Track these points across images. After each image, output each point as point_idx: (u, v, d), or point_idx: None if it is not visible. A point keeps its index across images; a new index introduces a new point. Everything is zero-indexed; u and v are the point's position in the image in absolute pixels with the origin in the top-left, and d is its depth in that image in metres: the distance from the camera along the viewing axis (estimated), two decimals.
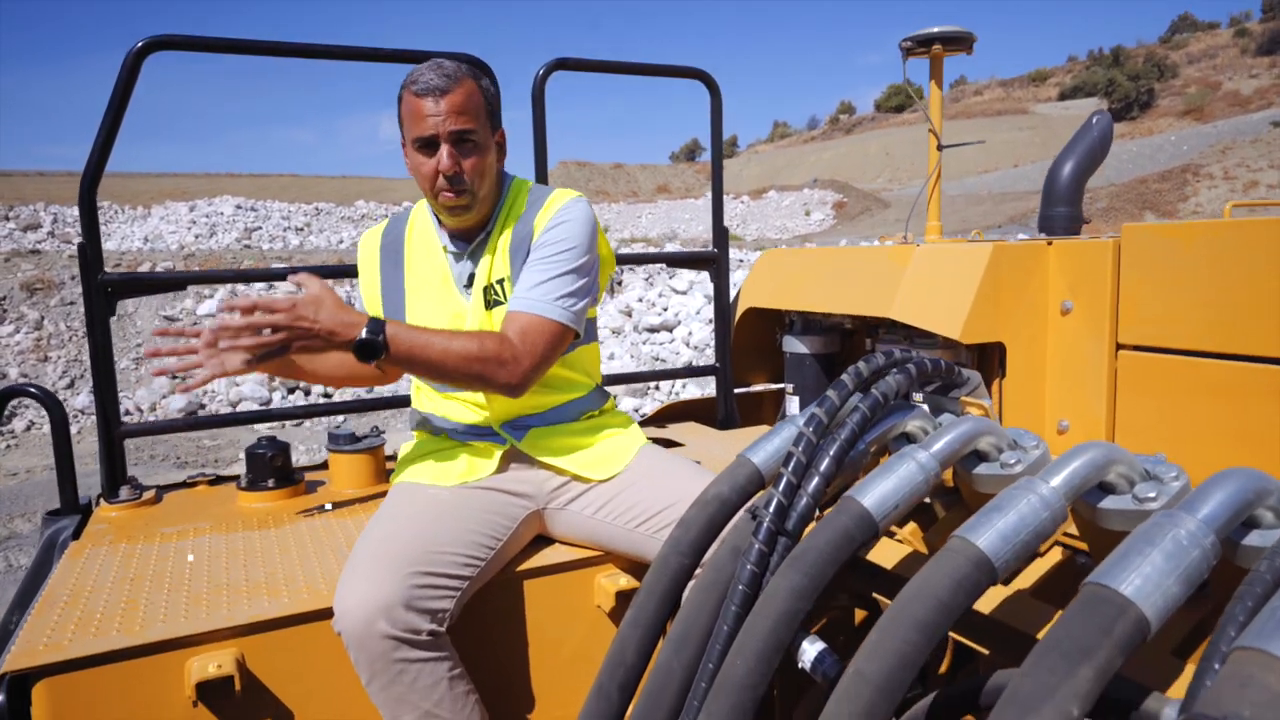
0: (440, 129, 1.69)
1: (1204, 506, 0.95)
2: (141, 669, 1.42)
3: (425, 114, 1.69)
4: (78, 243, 2.09)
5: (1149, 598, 0.87)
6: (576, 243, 1.78)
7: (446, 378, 1.69)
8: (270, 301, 1.53)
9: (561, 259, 1.76)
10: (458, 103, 1.69)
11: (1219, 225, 1.98)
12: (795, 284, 2.83)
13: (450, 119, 1.69)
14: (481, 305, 1.81)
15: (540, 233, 1.79)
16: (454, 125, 1.69)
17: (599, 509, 1.77)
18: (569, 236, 1.78)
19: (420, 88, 1.69)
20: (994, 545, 1.04)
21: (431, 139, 1.70)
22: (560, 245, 1.77)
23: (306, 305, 1.55)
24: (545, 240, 1.78)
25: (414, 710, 1.48)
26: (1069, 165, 3.14)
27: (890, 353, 1.45)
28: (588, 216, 1.82)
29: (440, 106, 1.68)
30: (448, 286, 1.85)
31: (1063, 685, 0.84)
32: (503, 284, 1.81)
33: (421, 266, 1.87)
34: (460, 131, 1.70)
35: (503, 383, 1.68)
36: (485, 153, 1.75)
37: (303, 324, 1.54)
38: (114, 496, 2.15)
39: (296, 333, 1.54)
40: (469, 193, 1.74)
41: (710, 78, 2.75)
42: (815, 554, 1.19)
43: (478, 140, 1.73)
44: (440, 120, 1.68)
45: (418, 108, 1.70)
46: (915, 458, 1.26)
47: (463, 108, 1.70)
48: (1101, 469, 1.12)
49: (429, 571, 1.51)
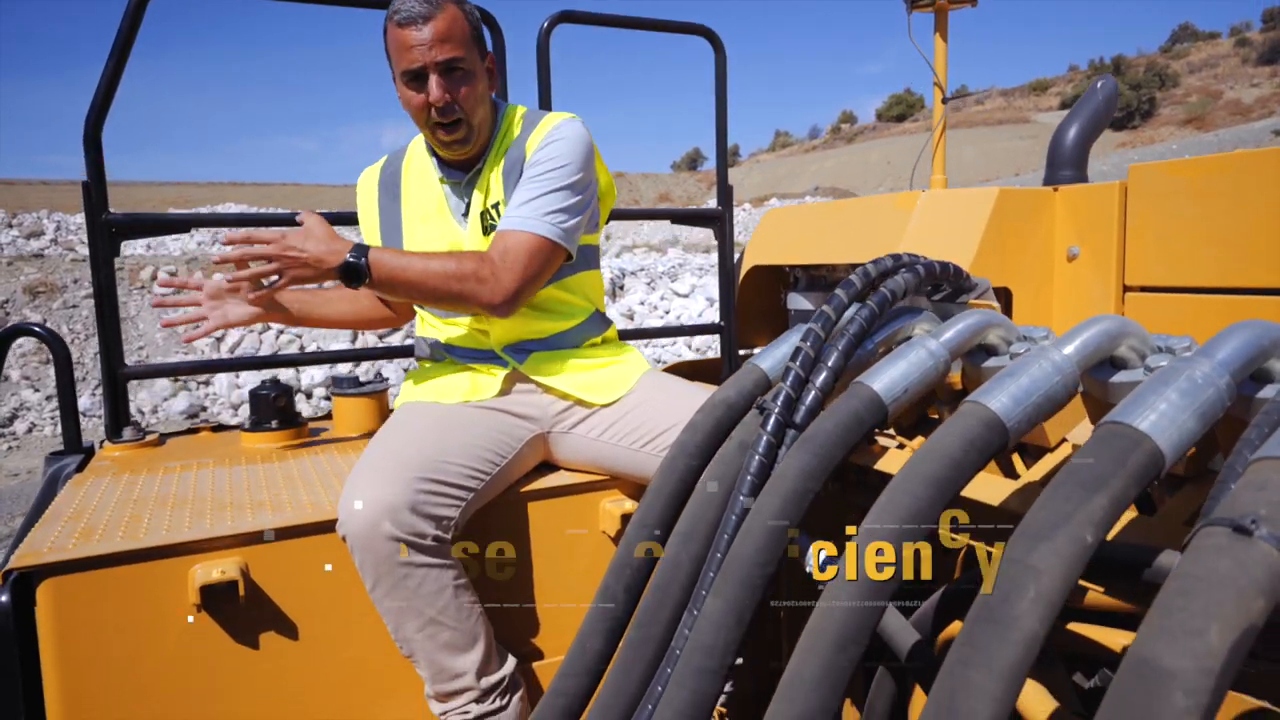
0: (427, 59, 1.66)
1: (1220, 351, 0.94)
2: (146, 573, 1.42)
3: (410, 44, 1.66)
4: (82, 181, 2.09)
5: (1164, 432, 0.87)
6: (567, 160, 1.75)
7: (430, 298, 1.70)
8: (260, 232, 1.61)
9: (551, 176, 1.73)
10: (442, 29, 1.66)
11: (1227, 158, 1.97)
12: (799, 239, 2.82)
13: (436, 48, 1.66)
14: (479, 232, 1.80)
15: (532, 153, 1.77)
16: (441, 54, 1.66)
17: (604, 431, 1.76)
18: (560, 155, 1.75)
19: (403, 17, 1.66)
20: (1005, 407, 1.03)
21: (420, 71, 1.67)
22: (551, 164, 1.74)
23: (295, 236, 1.62)
24: (536, 159, 1.75)
25: (418, 617, 1.47)
26: (1074, 129, 3.14)
27: (898, 255, 1.45)
28: (581, 136, 1.79)
29: (424, 35, 1.65)
30: (444, 216, 1.84)
31: (1078, 512, 0.83)
32: (497, 208, 1.80)
33: (419, 198, 1.87)
34: (448, 61, 1.67)
35: (485, 301, 1.67)
36: (475, 80, 1.73)
37: (291, 253, 1.60)
38: (117, 436, 2.14)
39: (286, 262, 1.60)
40: (464, 123, 1.72)
41: (714, 35, 2.75)
42: (825, 436, 1.18)
43: (466, 68, 1.70)
44: (426, 49, 1.65)
45: (402, 39, 1.66)
46: (925, 345, 1.26)
47: (448, 34, 1.66)
48: (1115, 339, 1.11)
49: (434, 479, 1.50)
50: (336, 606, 1.53)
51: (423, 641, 1.47)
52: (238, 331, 14.57)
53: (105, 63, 2.10)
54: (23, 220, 26.05)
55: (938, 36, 2.68)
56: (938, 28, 2.69)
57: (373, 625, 1.51)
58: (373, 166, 1.98)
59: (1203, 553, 0.72)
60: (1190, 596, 0.70)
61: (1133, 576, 0.98)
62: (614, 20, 2.68)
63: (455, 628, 1.48)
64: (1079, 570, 0.82)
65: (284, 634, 1.51)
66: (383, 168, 1.95)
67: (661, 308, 15.58)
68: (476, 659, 1.51)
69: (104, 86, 2.09)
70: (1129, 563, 0.98)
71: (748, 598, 1.13)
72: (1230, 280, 1.96)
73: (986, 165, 56.78)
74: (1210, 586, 0.69)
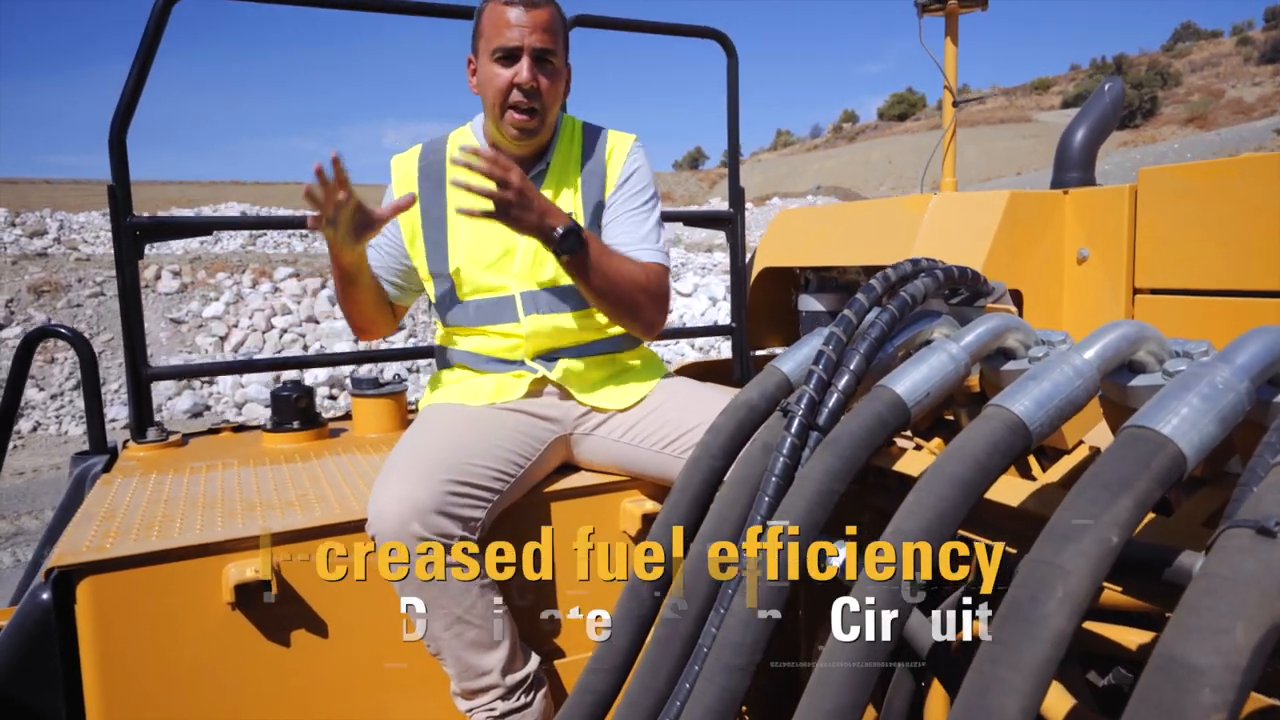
0: (525, 41, 1.69)
1: (1239, 357, 0.97)
2: (181, 571, 1.45)
3: (512, 23, 1.68)
4: (108, 185, 2.11)
5: (1186, 435, 0.89)
6: (653, 186, 1.90)
7: (609, 298, 1.73)
8: (508, 161, 1.57)
9: (649, 205, 1.87)
10: (545, 19, 1.70)
11: (1235, 162, 2.00)
12: (810, 240, 2.85)
13: (537, 34, 1.69)
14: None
15: (616, 179, 1.85)
16: (539, 41, 1.70)
17: (626, 432, 1.78)
18: (648, 182, 1.89)
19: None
20: (1028, 410, 1.06)
21: (514, 50, 1.69)
22: (645, 193, 1.87)
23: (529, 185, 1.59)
24: (629, 188, 1.86)
25: (445, 616, 1.49)
26: (1081, 131, 3.16)
27: (917, 260, 1.48)
28: (648, 159, 1.93)
29: (528, 19, 1.68)
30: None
31: (1104, 513, 0.86)
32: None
33: (468, 191, 1.84)
34: (544, 49, 1.71)
35: (648, 320, 1.80)
36: (560, 78, 1.77)
37: (530, 195, 1.58)
38: (142, 437, 2.17)
39: (524, 199, 1.58)
40: (539, 114, 1.74)
41: (726, 38, 2.78)
42: (850, 437, 1.21)
43: (556, 63, 1.75)
44: (527, 32, 1.68)
45: (503, 16, 1.69)
46: (946, 349, 1.28)
47: (549, 24, 1.71)
48: (1134, 343, 1.13)
49: (462, 480, 1.53)
50: (365, 604, 1.56)
51: (449, 640, 1.50)
52: (241, 330, 14.62)
53: (131, 66, 2.13)
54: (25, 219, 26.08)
55: (948, 40, 2.71)
56: (948, 31, 2.72)
57: (398, 622, 1.54)
58: (407, 154, 1.92)
59: (1228, 553, 0.75)
60: (1216, 596, 0.73)
61: (1153, 576, 1.01)
62: (628, 24, 2.71)
63: (481, 626, 1.51)
64: (1105, 570, 0.85)
65: (314, 632, 1.54)
66: (421, 155, 1.90)
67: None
68: (502, 657, 1.54)
69: (129, 91, 2.11)
70: (1150, 562, 1.01)
71: (776, 596, 1.16)
72: (1239, 283, 1.99)
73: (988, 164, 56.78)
74: (1235, 586, 0.72)
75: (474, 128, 1.88)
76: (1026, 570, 0.87)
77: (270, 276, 16.10)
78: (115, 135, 2.11)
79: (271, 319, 14.75)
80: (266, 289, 15.69)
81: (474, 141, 1.87)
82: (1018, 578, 0.88)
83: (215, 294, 15.91)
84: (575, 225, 1.63)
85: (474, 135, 1.87)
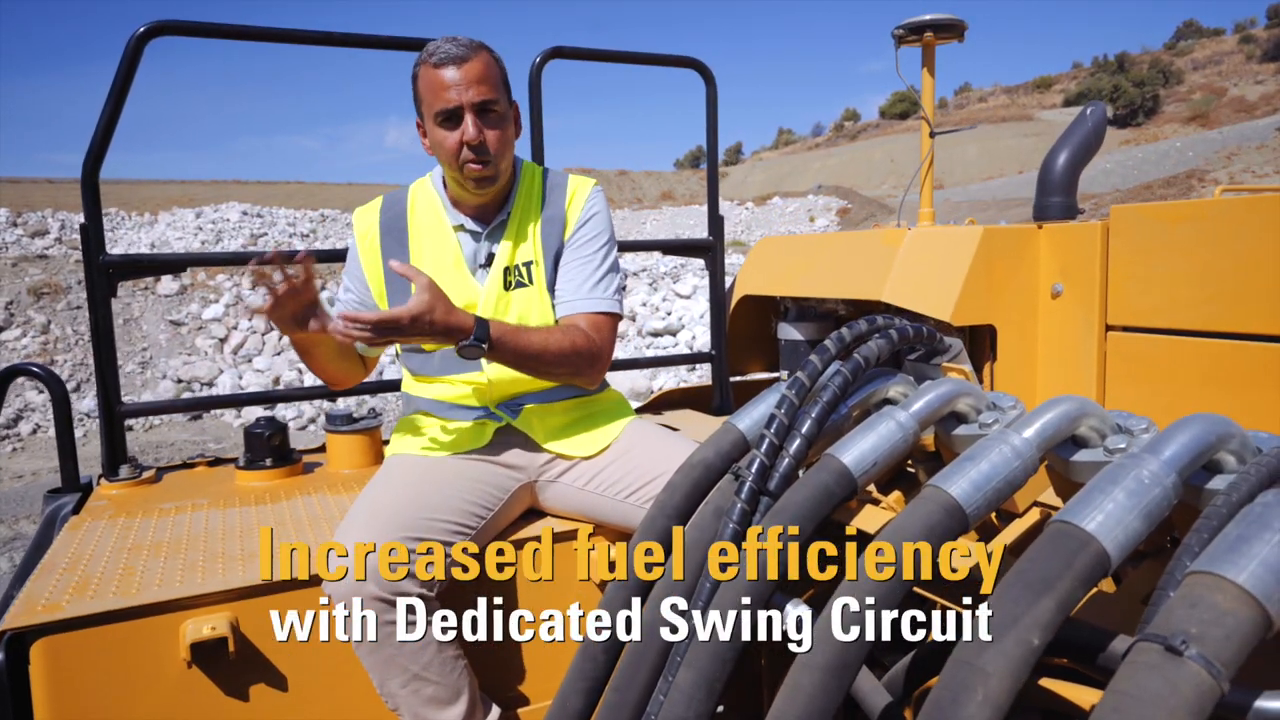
0: (463, 99, 1.70)
1: (1167, 449, 0.97)
2: (137, 630, 1.45)
3: (448, 84, 1.69)
4: (80, 223, 2.12)
5: (1110, 532, 0.90)
6: (609, 232, 1.91)
7: (536, 372, 1.75)
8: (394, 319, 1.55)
9: (601, 252, 1.88)
10: (478, 72, 1.71)
11: (1208, 204, 2.00)
12: (789, 270, 2.85)
13: (473, 89, 1.70)
14: (499, 286, 1.81)
15: (574, 224, 1.87)
16: (476, 96, 1.70)
17: (589, 480, 1.79)
18: (603, 229, 1.90)
19: (439, 59, 1.70)
20: (965, 493, 1.06)
21: (455, 111, 1.71)
22: (599, 240, 1.88)
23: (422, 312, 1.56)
24: (583, 235, 1.87)
25: (402, 673, 1.50)
26: (1064, 155, 3.16)
27: (873, 319, 1.48)
28: (606, 204, 1.96)
29: (461, 76, 1.69)
30: (460, 267, 1.83)
31: (1025, 615, 0.86)
32: (530, 267, 1.83)
33: (429, 246, 1.85)
34: (483, 102, 1.71)
35: (590, 376, 1.82)
36: (506, 124, 1.78)
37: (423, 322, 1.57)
38: (114, 475, 2.18)
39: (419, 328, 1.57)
40: (493, 163, 1.75)
41: (705, 67, 2.78)
42: (795, 509, 1.22)
43: (499, 111, 1.75)
44: (463, 90, 1.69)
45: (438, 80, 1.70)
46: (895, 417, 1.29)
47: (483, 77, 1.71)
48: (1074, 420, 1.14)
49: (420, 536, 1.54)
50: (327, 660, 1.57)
51: (407, 696, 1.51)
52: (241, 332, 14.65)
53: (103, 106, 2.13)
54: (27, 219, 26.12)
55: (925, 71, 2.71)
56: (925, 63, 2.72)
57: (360, 678, 1.55)
58: (368, 206, 1.94)
59: (1136, 669, 0.75)
60: (1123, 714, 0.73)
61: (1089, 659, 1.02)
62: (604, 55, 2.71)
63: (439, 682, 1.52)
64: (1026, 672, 0.85)
65: (274, 687, 1.54)
66: (382, 209, 1.91)
67: (663, 309, 15.61)
68: (461, 711, 1.54)
69: (101, 130, 2.12)
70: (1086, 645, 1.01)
71: (719, 670, 1.16)
72: (1210, 324, 1.99)
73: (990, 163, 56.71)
74: (1142, 706, 0.73)
75: (433, 179, 1.89)
76: (949, 671, 0.88)
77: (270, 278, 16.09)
78: (87, 174, 2.12)
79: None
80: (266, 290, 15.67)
81: (433, 194, 1.89)
82: (942, 677, 0.89)
83: (215, 296, 15.95)
84: (479, 333, 1.61)
85: (433, 186, 1.89)
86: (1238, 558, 0.78)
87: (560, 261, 1.85)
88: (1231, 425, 1.01)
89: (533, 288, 1.82)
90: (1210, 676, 0.72)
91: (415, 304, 1.55)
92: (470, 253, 1.85)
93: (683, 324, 14.79)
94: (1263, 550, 0.78)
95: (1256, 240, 1.88)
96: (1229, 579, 0.77)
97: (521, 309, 1.81)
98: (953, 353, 1.56)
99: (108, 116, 2.12)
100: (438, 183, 1.87)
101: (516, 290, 1.82)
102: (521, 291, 1.82)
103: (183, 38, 2.24)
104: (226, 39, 2.28)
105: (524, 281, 1.82)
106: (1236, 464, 1.02)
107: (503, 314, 1.78)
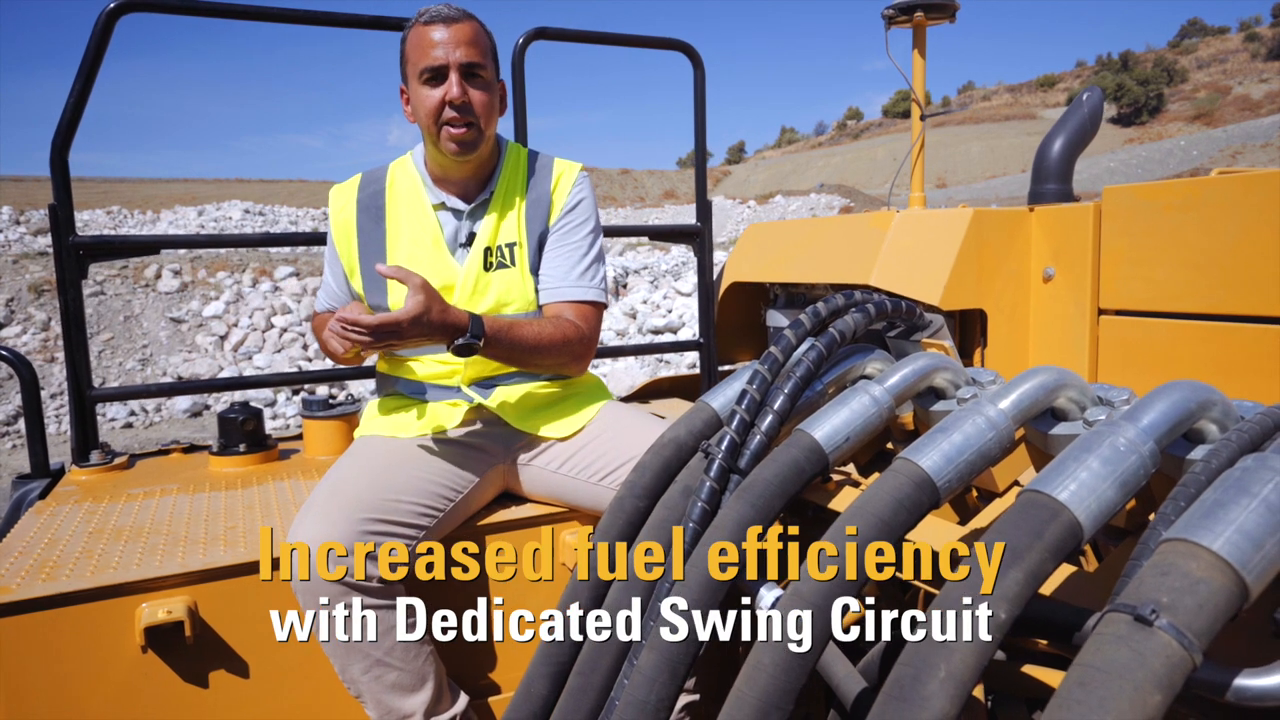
0: (450, 57, 1.65)
1: (1145, 416, 0.92)
2: (92, 613, 1.41)
3: (435, 43, 1.65)
4: (49, 204, 2.08)
5: (1083, 502, 0.85)
6: (595, 220, 1.88)
7: (525, 364, 1.75)
8: (394, 322, 1.50)
9: (588, 240, 1.85)
10: (467, 34, 1.67)
11: (1201, 184, 1.95)
12: (778, 256, 2.80)
13: (461, 49, 1.66)
14: (479, 266, 1.76)
15: (560, 209, 1.82)
16: (464, 57, 1.66)
17: (563, 464, 1.74)
18: (589, 215, 1.86)
19: (429, 18, 1.67)
20: (936, 465, 1.02)
21: (441, 69, 1.66)
22: (585, 227, 1.85)
23: (420, 314, 1.52)
24: (569, 221, 1.83)
25: (364, 659, 1.45)
26: (1059, 142, 3.11)
27: (850, 294, 1.43)
28: (593, 190, 1.91)
29: (449, 35, 1.65)
30: (439, 246, 1.78)
31: (993, 588, 0.82)
32: (512, 248, 1.78)
33: (407, 224, 1.80)
34: (471, 64, 1.67)
35: (577, 366, 1.81)
36: (492, 92, 1.73)
37: (422, 323, 1.53)
38: (84, 460, 2.14)
39: (418, 329, 1.54)
40: (476, 127, 1.70)
41: (692, 49, 2.73)
42: (764, 485, 1.17)
43: (486, 77, 1.71)
44: (450, 49, 1.65)
45: (426, 36, 1.66)
46: (869, 391, 1.24)
47: (472, 39, 1.68)
48: (1052, 392, 1.09)
49: (383, 519, 1.49)
50: (286, 645, 1.52)
51: (369, 683, 1.46)
52: (241, 329, 14.61)
53: (72, 85, 2.09)
54: (30, 217, 26.14)
55: (915, 52, 2.66)
56: (916, 44, 2.67)
57: (322, 664, 1.50)
58: (346, 184, 1.88)
59: (1104, 641, 0.71)
60: (1088, 689, 0.68)
61: (1064, 637, 0.97)
62: (589, 36, 2.66)
63: (403, 668, 1.47)
64: (993, 649, 0.81)
65: (234, 673, 1.50)
66: (360, 186, 1.85)
67: (664, 306, 15.54)
68: (425, 699, 1.50)
69: (70, 110, 2.08)
70: (1061, 624, 0.97)
71: (682, 653, 1.12)
72: (1201, 306, 1.94)
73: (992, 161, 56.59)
74: (1108, 679, 0.68)
75: (414, 156, 1.83)
76: (912, 648, 0.83)
77: (270, 276, 16.09)
78: (56, 153, 2.07)
79: (271, 318, 14.74)
80: (266, 288, 15.68)
81: (413, 172, 1.83)
82: (904, 654, 0.84)
83: (215, 293, 15.90)
84: (475, 330, 1.59)
85: (414, 164, 1.82)
86: (1213, 524, 0.73)
87: (545, 246, 1.81)
88: (1213, 392, 0.97)
89: (514, 269, 1.77)
90: (1181, 647, 0.68)
91: (412, 305, 1.51)
92: (450, 232, 1.80)
93: (684, 321, 14.72)
94: (1240, 516, 0.73)
95: (1251, 220, 1.82)
96: (1203, 545, 0.72)
97: (501, 291, 1.76)
98: (934, 328, 1.52)
99: (76, 96, 2.08)
100: (419, 160, 1.82)
101: (497, 271, 1.77)
102: (503, 273, 1.76)
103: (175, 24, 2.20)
104: (197, 16, 2.23)
105: (505, 263, 1.77)
106: (1219, 433, 0.97)
107: (482, 294, 1.73)
